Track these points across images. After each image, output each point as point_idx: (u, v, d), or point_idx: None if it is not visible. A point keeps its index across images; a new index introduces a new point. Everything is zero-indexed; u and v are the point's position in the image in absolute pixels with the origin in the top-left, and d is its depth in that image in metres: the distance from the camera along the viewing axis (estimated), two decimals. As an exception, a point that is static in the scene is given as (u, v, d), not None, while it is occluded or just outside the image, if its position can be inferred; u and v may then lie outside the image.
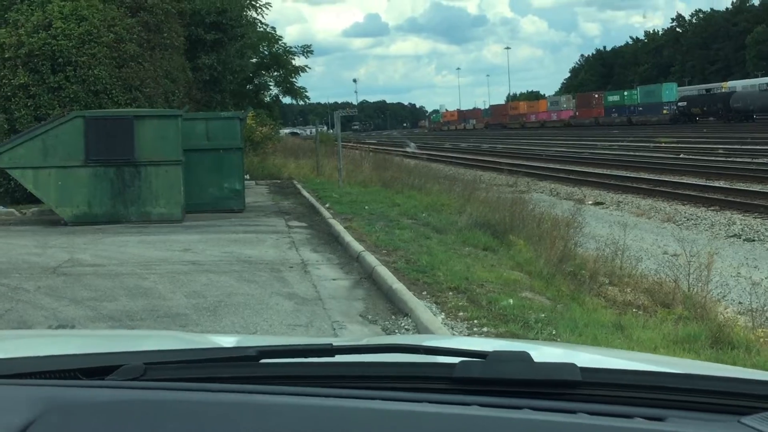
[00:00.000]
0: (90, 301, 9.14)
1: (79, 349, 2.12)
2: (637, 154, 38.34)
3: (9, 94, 19.88)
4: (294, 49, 37.66)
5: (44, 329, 7.67)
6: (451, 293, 8.75)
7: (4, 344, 2.39)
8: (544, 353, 1.81)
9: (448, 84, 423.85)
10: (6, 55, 19.86)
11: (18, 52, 19.79)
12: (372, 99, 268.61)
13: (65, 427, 1.09)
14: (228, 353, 1.54)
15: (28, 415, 1.11)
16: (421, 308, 7.99)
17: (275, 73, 37.24)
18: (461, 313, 7.90)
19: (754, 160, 29.82)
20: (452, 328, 7.38)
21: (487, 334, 7.18)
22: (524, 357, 1.35)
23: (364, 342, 2.05)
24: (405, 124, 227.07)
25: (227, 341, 2.28)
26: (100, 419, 1.11)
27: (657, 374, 1.42)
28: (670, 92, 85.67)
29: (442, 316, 7.82)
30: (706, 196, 21.02)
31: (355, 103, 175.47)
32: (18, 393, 1.21)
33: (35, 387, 1.24)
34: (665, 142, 46.13)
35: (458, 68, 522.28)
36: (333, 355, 1.45)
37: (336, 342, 1.59)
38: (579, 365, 1.28)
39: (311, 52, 38.46)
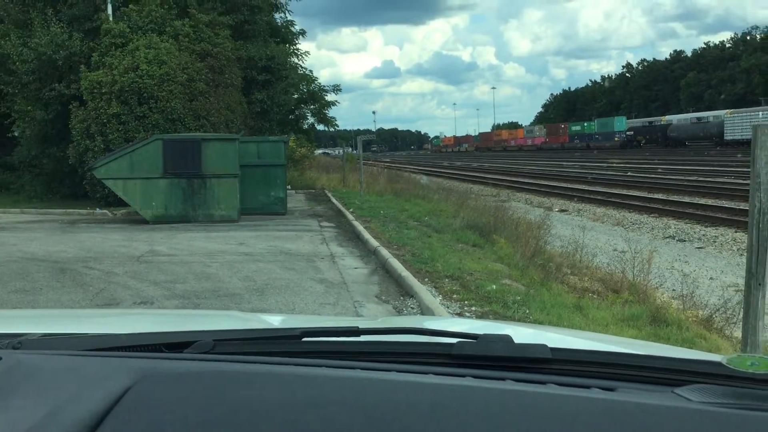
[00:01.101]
0: (165, 283, 9.17)
1: (160, 326, 2.12)
2: (594, 171, 38.19)
3: (105, 121, 20.00)
4: (326, 88, 37.67)
5: (130, 309, 7.71)
6: (447, 280, 8.74)
7: (103, 320, 2.40)
8: (520, 333, 1.81)
9: (446, 116, 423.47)
10: (103, 91, 19.97)
11: (112, 88, 19.90)
12: (387, 126, 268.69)
13: (154, 393, 1.10)
14: (277, 333, 1.54)
15: (125, 383, 1.11)
16: (424, 291, 7.99)
17: (311, 106, 37.25)
18: (455, 296, 7.89)
19: (686, 178, 29.67)
20: (447, 307, 7.37)
21: (475, 312, 7.17)
22: (507, 339, 1.36)
23: (380, 323, 2.04)
24: (413, 147, 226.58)
25: (275, 320, 2.28)
26: (180, 386, 1.12)
27: (610, 353, 1.42)
28: (621, 123, 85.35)
29: (440, 298, 7.81)
30: (648, 206, 20.93)
31: (373, 129, 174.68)
32: (117, 364, 1.21)
33: (130, 359, 1.25)
34: (616, 163, 45.95)
35: (454, 103, 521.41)
36: (358, 336, 1.46)
37: (360, 324, 1.60)
38: (549, 345, 1.29)
39: (340, 89, 38.40)
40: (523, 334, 1.90)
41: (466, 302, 7.57)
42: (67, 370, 1.20)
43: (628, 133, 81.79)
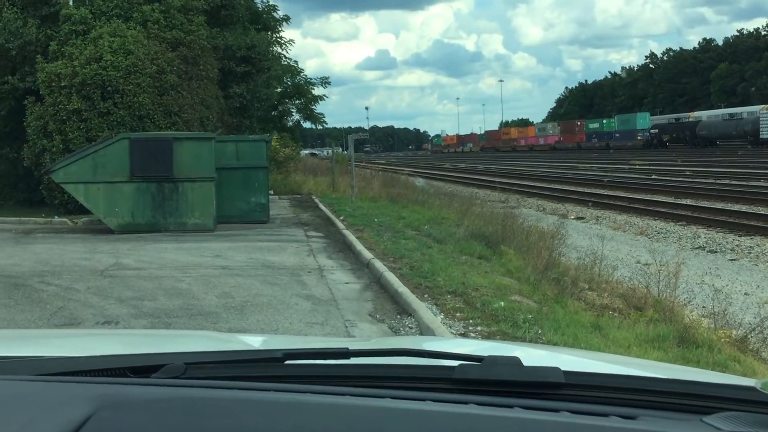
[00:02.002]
0: (133, 300, 9.15)
1: (126, 348, 2.13)
2: (614, 174, 38.28)
3: (64, 117, 19.99)
4: (313, 81, 37.80)
5: (93, 329, 7.69)
6: (449, 296, 8.74)
7: (62, 342, 2.40)
8: (531, 355, 1.81)
9: (448, 112, 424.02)
10: (62, 84, 19.96)
11: (72, 81, 19.90)
12: (381, 124, 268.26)
13: (118, 422, 1.10)
14: (257, 355, 1.55)
15: (86, 410, 1.11)
16: (423, 309, 7.98)
17: (297, 101, 37.34)
18: (458, 314, 7.89)
19: (717, 181, 29.75)
20: (450, 327, 7.36)
21: (481, 332, 7.17)
22: (515, 361, 1.36)
23: (374, 344, 2.04)
24: (410, 147, 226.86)
25: (255, 341, 2.29)
26: (147, 414, 1.12)
27: (630, 377, 1.42)
28: (644, 121, 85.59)
29: (442, 317, 7.81)
30: (675, 212, 20.97)
31: (366, 127, 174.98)
32: (76, 390, 1.21)
33: (91, 384, 1.25)
34: (639, 165, 46.07)
35: (457, 98, 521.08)
36: (348, 358, 1.45)
37: (351, 345, 1.60)
38: (562, 368, 1.29)
39: (329, 83, 38.59)
40: (533, 356, 1.90)
41: (470, 321, 7.57)
42: (20, 397, 1.19)
43: (652, 131, 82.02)
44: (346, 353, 1.46)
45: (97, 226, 17.20)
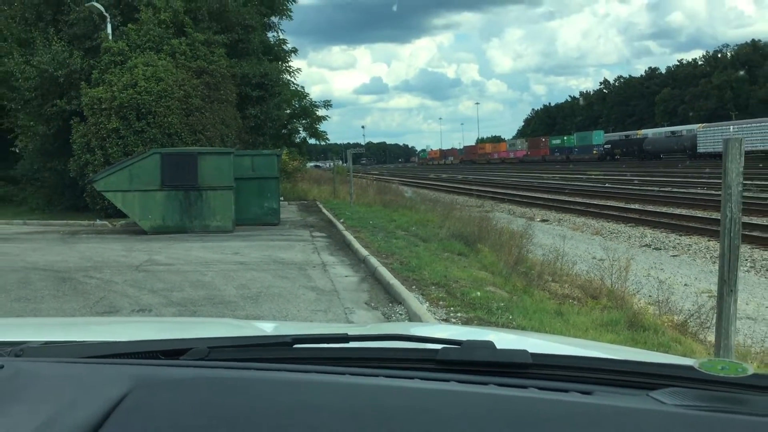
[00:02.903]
0: (163, 291, 9.13)
1: (157, 333, 2.12)
2: (573, 183, 38.33)
3: (104, 135, 19.96)
4: (317, 103, 37.61)
5: (130, 316, 7.67)
6: (433, 287, 8.74)
7: (102, 328, 2.39)
8: (503, 339, 1.81)
9: (432, 130, 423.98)
10: (103, 107, 19.94)
11: (112, 104, 19.88)
12: (375, 140, 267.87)
13: (150, 399, 1.10)
14: (269, 340, 1.53)
15: (123, 389, 1.11)
16: (411, 298, 7.98)
17: (303, 121, 37.19)
18: (441, 302, 7.89)
19: (661, 189, 29.82)
20: (434, 313, 7.36)
21: (461, 318, 7.17)
22: (489, 345, 1.36)
23: (369, 329, 2.04)
24: (400, 160, 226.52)
25: (267, 327, 2.27)
26: (176, 392, 1.11)
27: (588, 358, 1.42)
28: (599, 137, 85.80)
29: (427, 305, 7.81)
30: (625, 215, 21.00)
31: (362, 143, 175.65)
32: (114, 371, 1.21)
33: (128, 366, 1.24)
34: (595, 175, 46.14)
35: (440, 118, 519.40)
36: (347, 342, 1.45)
37: (350, 331, 1.59)
38: (530, 351, 1.29)
39: (330, 105, 38.55)
40: (505, 340, 1.90)
41: (452, 309, 7.57)
42: (67, 377, 1.19)
43: (605, 146, 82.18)
44: (346, 338, 1.46)
45: (133, 228, 17.17)
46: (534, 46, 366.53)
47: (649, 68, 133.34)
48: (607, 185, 34.78)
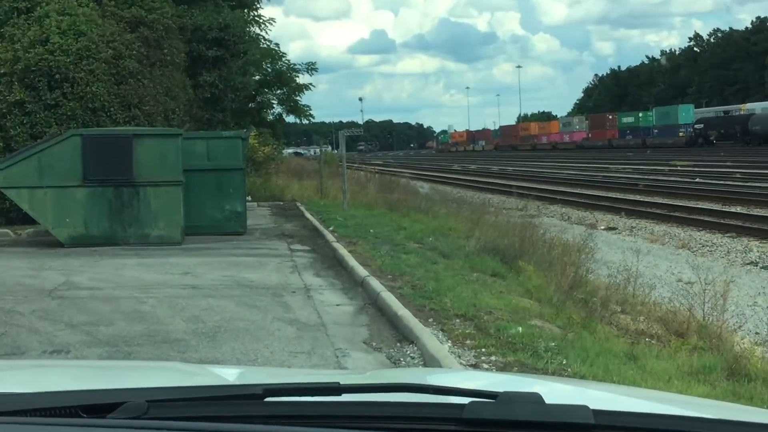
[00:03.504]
0: (86, 326, 9.14)
1: (78, 382, 2.11)
2: (651, 177, 38.31)
3: (4, 111, 19.96)
4: (298, 67, 37.69)
5: (41, 360, 7.68)
6: (458, 320, 8.74)
7: (3, 375, 2.40)
8: (554, 390, 1.82)
9: (456, 104, 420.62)
10: (1, 71, 19.95)
11: (14, 67, 19.89)
12: (378, 118, 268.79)
13: None
14: (232, 390, 1.52)
15: None
16: (427, 336, 7.99)
17: (278, 91, 37.25)
18: (468, 341, 7.89)
19: (773, 185, 29.76)
20: (459, 356, 7.37)
21: (495, 363, 7.18)
22: (535, 398, 1.36)
23: (369, 377, 2.05)
24: (412, 145, 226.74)
25: (230, 374, 2.27)
26: None
27: (671, 417, 1.42)
28: (687, 114, 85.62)
29: (449, 344, 7.81)
30: (723, 222, 20.99)
31: (360, 122, 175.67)
32: None
33: (38, 426, 1.25)
34: (681, 166, 46.10)
35: (467, 87, 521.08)
36: (339, 394, 1.45)
37: (342, 379, 1.58)
38: (591, 406, 1.30)
39: (315, 69, 38.49)
40: (556, 391, 1.91)
41: (483, 350, 7.58)
42: None
43: (696, 126, 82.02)
44: (337, 389, 1.46)
45: (45, 238, 17.18)
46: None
47: (757, 18, 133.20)
48: (697, 180, 34.75)
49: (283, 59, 37.10)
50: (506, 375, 3.75)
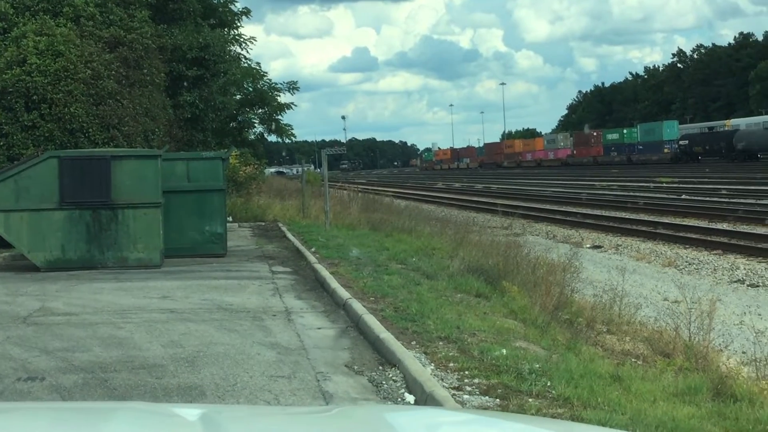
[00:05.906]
0: (61, 352, 9.08)
1: (46, 427, 2.07)
2: (636, 194, 38.46)
3: (-20, 132, 19.91)
4: (279, 86, 37.66)
5: (13, 384, 7.61)
6: (441, 343, 8.73)
7: None
8: None
9: (440, 121, 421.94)
10: (-23, 93, 19.90)
11: (-10, 89, 19.84)
12: (361, 136, 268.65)
13: None
14: None
15: None
16: (410, 359, 7.97)
17: (260, 110, 37.22)
18: (452, 364, 7.88)
19: (759, 202, 29.92)
20: (442, 380, 7.36)
21: (479, 386, 7.17)
22: None
23: (334, 415, 2.00)
24: (396, 163, 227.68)
25: (192, 414, 2.21)
26: None
27: None
28: (672, 130, 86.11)
29: (432, 367, 7.80)
30: (709, 239, 21.06)
31: (343, 140, 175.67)
32: None
33: None
34: (666, 182, 46.32)
35: (451, 105, 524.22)
36: None
37: (307, 418, 1.54)
38: None
39: (297, 88, 38.45)
40: None
41: (466, 372, 7.57)
42: None
43: (681, 142, 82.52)
44: None
45: (20, 262, 17.10)
46: (580, 3, 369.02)
47: (740, 34, 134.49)
48: (683, 197, 34.91)
49: (265, 78, 37.12)
50: (467, 414, 3.65)
